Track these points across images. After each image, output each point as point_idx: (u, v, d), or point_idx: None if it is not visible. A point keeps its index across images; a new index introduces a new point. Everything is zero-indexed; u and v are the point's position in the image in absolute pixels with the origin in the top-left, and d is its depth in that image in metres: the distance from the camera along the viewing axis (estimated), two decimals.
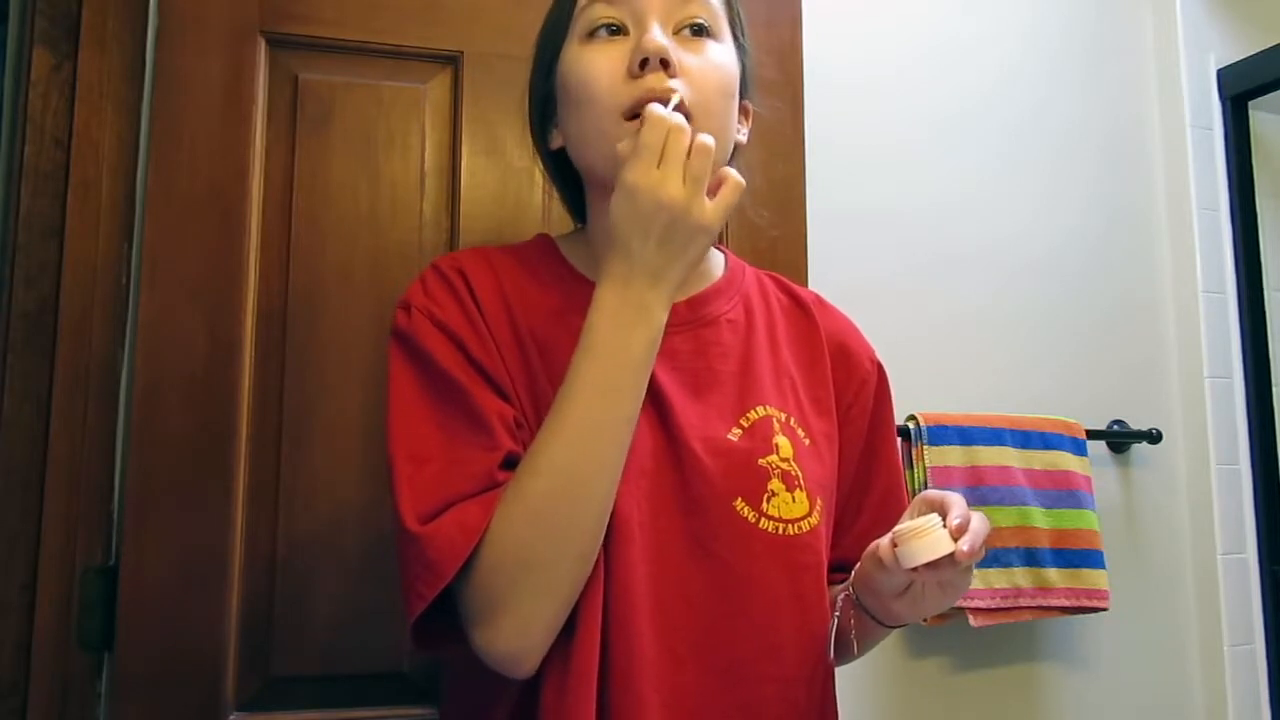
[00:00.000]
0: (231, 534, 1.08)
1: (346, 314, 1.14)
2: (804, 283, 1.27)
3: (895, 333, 1.44)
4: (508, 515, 0.72)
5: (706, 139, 0.73)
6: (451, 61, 1.21)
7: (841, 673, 0.89)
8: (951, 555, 0.71)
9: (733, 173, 0.76)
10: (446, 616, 0.75)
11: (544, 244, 0.92)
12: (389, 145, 1.18)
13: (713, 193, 0.75)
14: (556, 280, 0.87)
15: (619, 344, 0.74)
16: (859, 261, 1.47)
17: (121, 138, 1.17)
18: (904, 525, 0.74)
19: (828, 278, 1.31)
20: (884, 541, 0.75)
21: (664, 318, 0.75)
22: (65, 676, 1.08)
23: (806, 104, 1.36)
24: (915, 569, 0.72)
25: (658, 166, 0.73)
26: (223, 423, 1.09)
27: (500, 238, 1.15)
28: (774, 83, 1.33)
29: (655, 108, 0.75)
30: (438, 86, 1.21)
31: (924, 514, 0.75)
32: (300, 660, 1.09)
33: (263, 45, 1.16)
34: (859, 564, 0.81)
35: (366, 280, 1.15)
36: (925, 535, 0.72)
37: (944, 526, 0.72)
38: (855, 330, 0.98)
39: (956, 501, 0.74)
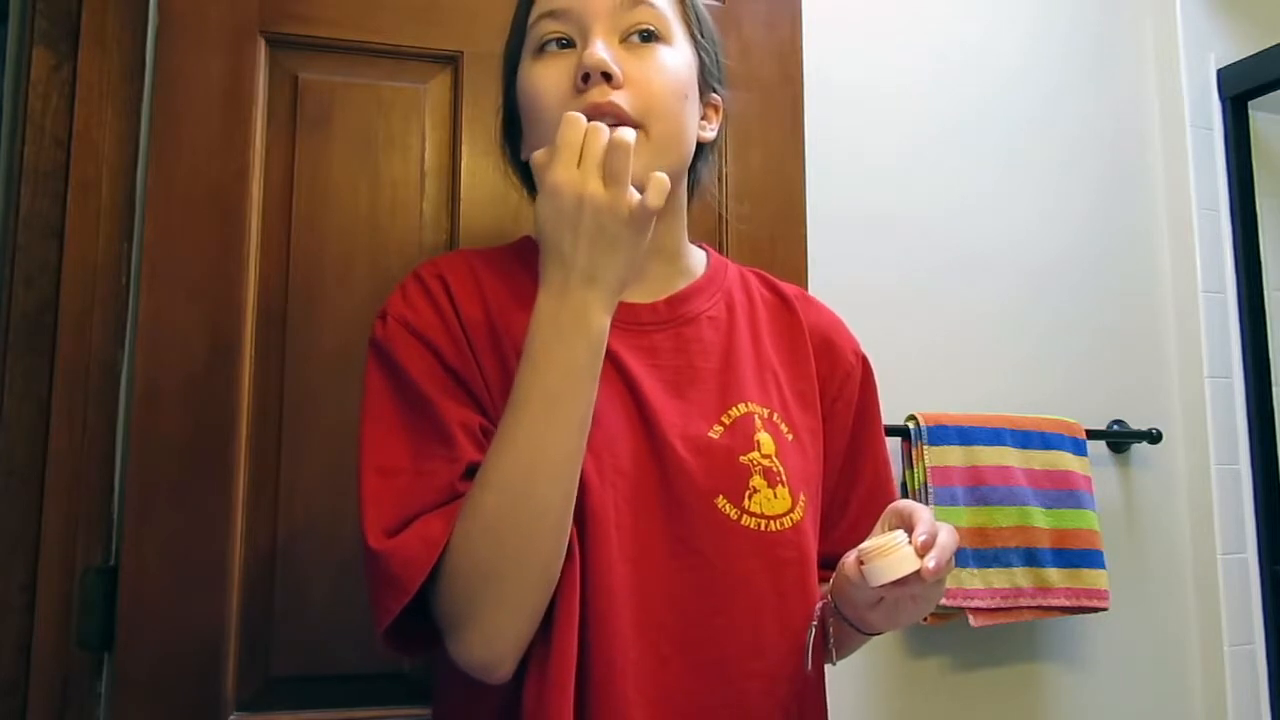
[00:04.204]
0: (231, 534, 1.09)
1: (346, 314, 1.14)
2: (804, 283, 1.27)
3: (896, 334, 1.46)
4: (464, 530, 0.73)
5: (624, 134, 0.73)
6: (451, 61, 1.21)
7: (841, 672, 0.89)
8: (918, 571, 0.71)
9: (661, 177, 0.74)
10: (418, 619, 0.75)
11: (525, 245, 0.92)
12: (389, 145, 1.18)
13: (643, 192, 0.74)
14: (536, 281, 0.87)
15: (560, 352, 0.73)
16: (859, 263, 1.47)
17: (121, 138, 1.17)
18: (870, 543, 0.74)
19: (830, 280, 1.32)
20: (850, 559, 0.75)
21: (606, 321, 0.74)
22: (65, 676, 1.08)
23: (808, 108, 1.36)
24: (884, 585, 0.72)
25: (578, 166, 0.72)
26: (222, 423, 1.09)
27: (500, 237, 1.14)
28: (774, 83, 1.33)
29: (573, 113, 0.74)
30: (438, 86, 1.21)
31: (893, 528, 0.75)
32: (300, 660, 1.09)
33: (263, 45, 1.16)
34: (834, 575, 0.81)
35: (366, 280, 1.15)
36: (891, 553, 0.72)
37: (910, 543, 0.72)
38: (840, 324, 0.98)
39: (924, 517, 0.74)
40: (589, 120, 0.76)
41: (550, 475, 0.72)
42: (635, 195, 0.72)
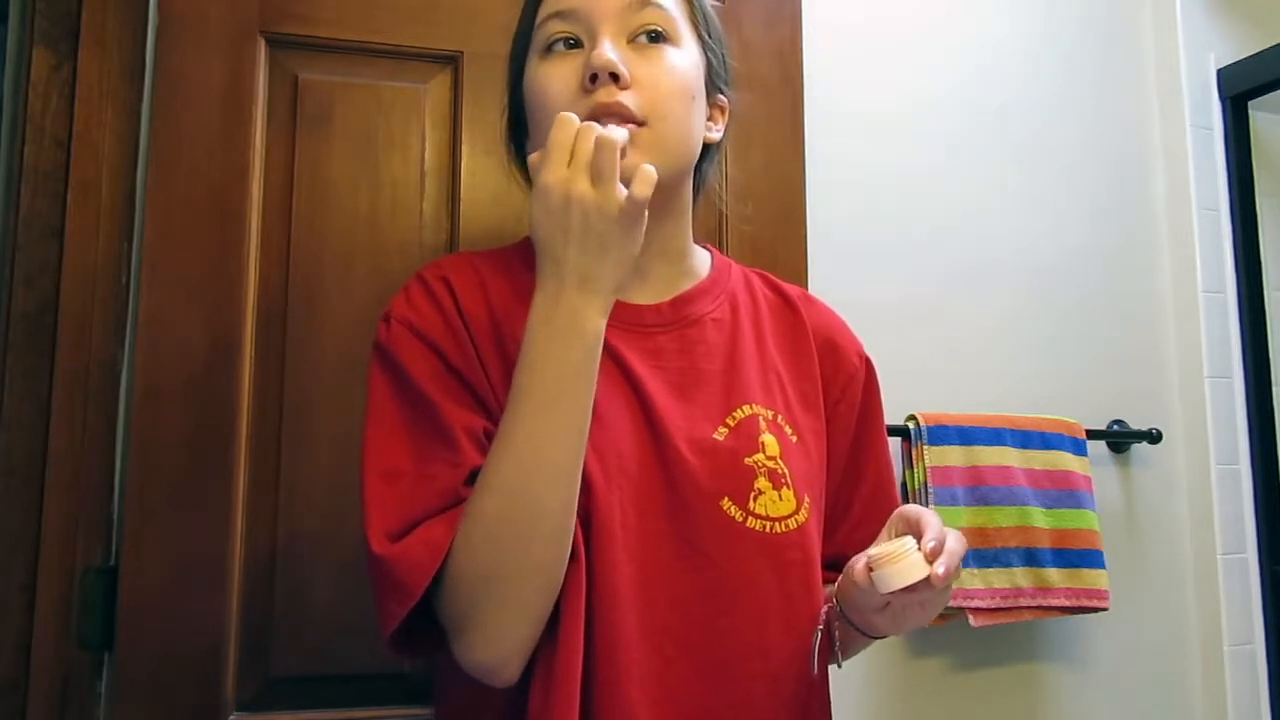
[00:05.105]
0: (231, 534, 1.09)
1: (346, 314, 1.14)
2: (804, 283, 1.27)
3: (896, 333, 1.46)
4: (465, 534, 0.73)
5: (612, 133, 0.73)
6: (451, 61, 1.21)
7: (842, 672, 0.88)
8: (927, 578, 0.71)
9: (647, 169, 0.74)
10: (421, 622, 0.76)
11: (528, 246, 0.91)
12: (389, 145, 1.18)
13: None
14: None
15: (555, 355, 0.73)
16: (860, 263, 1.47)
17: (121, 138, 1.17)
18: (878, 549, 0.74)
19: (830, 279, 1.32)
20: (859, 565, 0.76)
21: (601, 322, 0.74)
22: (65, 676, 1.08)
23: (812, 112, 1.36)
24: (892, 591, 0.72)
25: (568, 166, 0.72)
26: (223, 423, 1.10)
27: (500, 238, 1.15)
28: (774, 83, 1.33)
29: (565, 114, 0.74)
30: (438, 86, 1.21)
31: (901, 533, 0.75)
32: (300, 660, 1.09)
33: (263, 45, 1.16)
34: (840, 579, 0.81)
35: (366, 280, 1.15)
36: (900, 560, 0.72)
37: (919, 549, 0.72)
38: (843, 325, 0.98)
39: (932, 522, 0.75)
40: (596, 120, 0.76)
41: (549, 479, 0.72)
42: (624, 192, 0.72)
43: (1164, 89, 1.71)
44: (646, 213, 0.74)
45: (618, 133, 0.73)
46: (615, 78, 0.79)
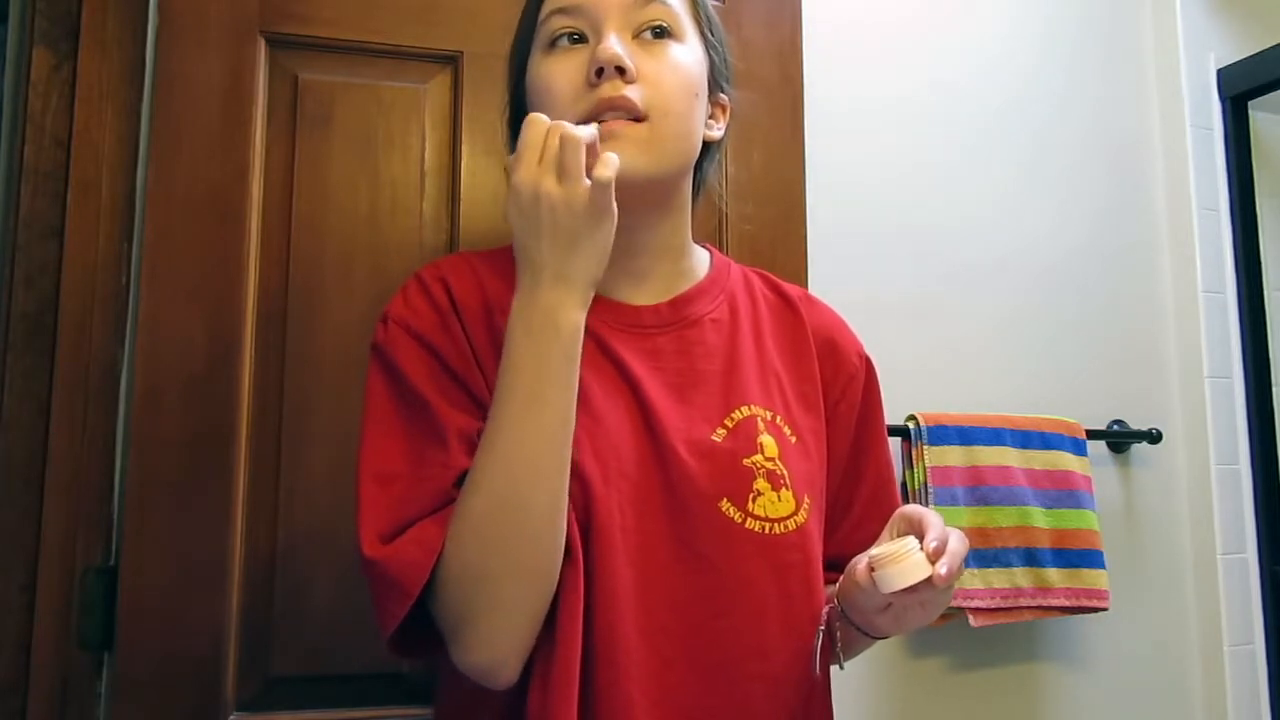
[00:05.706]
0: (231, 534, 1.09)
1: (346, 314, 1.14)
2: (803, 283, 1.27)
3: (897, 333, 1.46)
4: (455, 534, 0.73)
5: (578, 131, 0.73)
6: (451, 61, 1.21)
7: (843, 673, 0.88)
8: (929, 578, 0.71)
9: (610, 156, 0.74)
10: (420, 623, 0.76)
11: None
12: (389, 145, 1.18)
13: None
14: None
15: (535, 355, 0.73)
16: (860, 263, 1.47)
17: (121, 138, 1.17)
18: (880, 549, 0.74)
19: (830, 279, 1.32)
20: (861, 565, 0.76)
21: (578, 317, 0.75)
22: (65, 676, 1.08)
23: (814, 112, 1.36)
24: (894, 592, 0.72)
25: (538, 165, 0.73)
26: (223, 423, 1.09)
27: (500, 238, 1.14)
28: (774, 83, 1.33)
29: (535, 114, 0.75)
30: (438, 86, 1.21)
31: (903, 533, 0.75)
32: (300, 660, 1.09)
33: (263, 45, 1.16)
34: (841, 579, 0.81)
35: (366, 280, 1.15)
36: (902, 560, 0.72)
37: (921, 549, 0.72)
38: (843, 325, 0.98)
39: (934, 522, 0.74)
40: (600, 115, 0.77)
41: (533, 478, 0.73)
42: (587, 183, 0.73)
43: (1164, 89, 1.71)
44: (615, 203, 0.74)
45: (584, 130, 0.74)
46: (621, 71, 0.79)
